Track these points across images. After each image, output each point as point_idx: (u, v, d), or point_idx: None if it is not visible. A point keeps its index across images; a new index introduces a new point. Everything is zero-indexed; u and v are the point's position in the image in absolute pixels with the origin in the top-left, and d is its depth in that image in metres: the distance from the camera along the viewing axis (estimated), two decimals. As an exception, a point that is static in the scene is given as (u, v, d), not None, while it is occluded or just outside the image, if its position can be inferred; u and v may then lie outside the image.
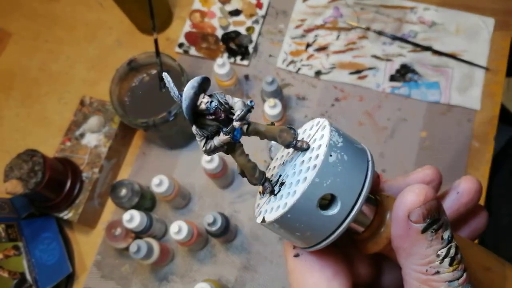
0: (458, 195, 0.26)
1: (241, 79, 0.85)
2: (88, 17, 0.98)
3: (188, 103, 0.21)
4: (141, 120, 0.71)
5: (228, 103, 0.22)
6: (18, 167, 0.71)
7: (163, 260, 0.72)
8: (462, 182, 0.26)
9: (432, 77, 0.80)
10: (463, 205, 0.26)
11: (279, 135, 0.23)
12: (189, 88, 0.21)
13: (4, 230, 0.70)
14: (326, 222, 0.22)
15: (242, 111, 0.21)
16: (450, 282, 0.21)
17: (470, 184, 0.25)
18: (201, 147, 0.22)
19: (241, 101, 0.22)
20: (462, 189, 0.26)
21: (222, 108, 0.22)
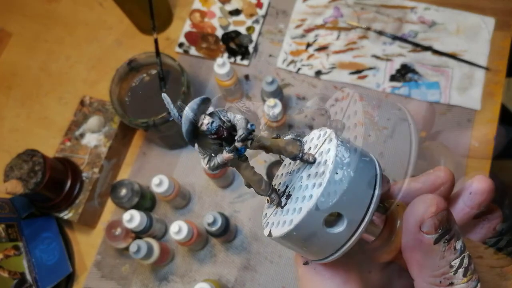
0: (471, 195, 0.25)
1: (241, 79, 0.85)
2: (88, 17, 0.98)
3: (188, 127, 0.21)
4: (141, 120, 0.71)
5: (230, 120, 0.21)
6: (18, 167, 0.71)
7: (163, 260, 0.72)
8: (474, 182, 0.25)
9: (432, 77, 0.80)
10: (477, 205, 0.25)
11: (284, 148, 0.23)
12: (189, 111, 0.21)
13: (4, 230, 0.70)
14: (333, 238, 0.21)
15: (243, 133, 0.21)
16: None
17: (483, 184, 0.25)
18: (205, 165, 0.22)
19: (243, 118, 0.21)
20: (475, 189, 0.25)
21: (224, 126, 0.21)
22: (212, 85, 0.86)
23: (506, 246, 0.21)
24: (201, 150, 0.22)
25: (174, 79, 0.75)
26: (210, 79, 0.86)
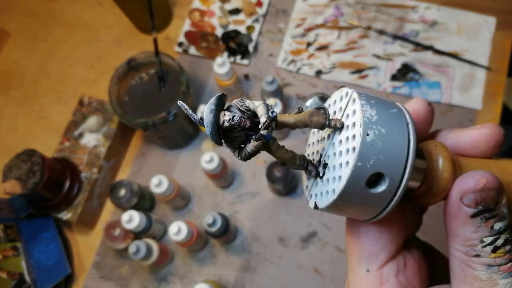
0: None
1: (241, 78, 0.85)
2: (87, 17, 0.98)
3: (211, 129, 0.21)
4: (141, 120, 0.71)
5: (250, 108, 0.21)
6: (17, 167, 0.71)
7: (163, 260, 0.72)
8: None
9: (433, 76, 0.80)
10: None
11: (309, 120, 0.23)
12: (208, 113, 0.21)
13: (3, 231, 0.70)
14: (379, 197, 0.22)
15: (267, 120, 0.21)
16: (489, 266, 0.21)
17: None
18: (237, 157, 0.22)
19: (262, 104, 0.21)
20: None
21: (246, 116, 0.21)
22: (212, 85, 0.86)
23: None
24: (229, 145, 0.22)
25: (174, 79, 0.75)
26: (210, 79, 0.86)
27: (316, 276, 0.71)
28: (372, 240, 0.24)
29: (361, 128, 0.21)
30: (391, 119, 0.22)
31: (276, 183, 0.70)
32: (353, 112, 0.22)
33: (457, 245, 0.22)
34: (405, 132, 0.22)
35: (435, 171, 0.23)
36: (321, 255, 0.72)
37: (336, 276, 0.70)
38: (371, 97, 0.22)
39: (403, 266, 0.25)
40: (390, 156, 0.21)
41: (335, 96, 0.25)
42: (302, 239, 0.73)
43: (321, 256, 0.72)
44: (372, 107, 0.21)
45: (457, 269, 0.23)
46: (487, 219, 0.21)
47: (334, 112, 0.24)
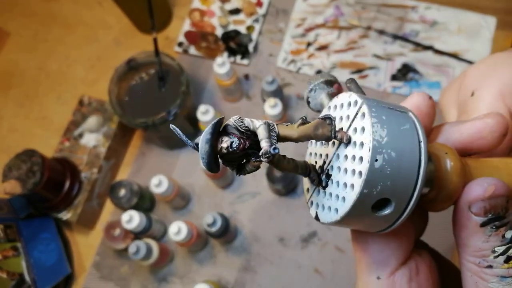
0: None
1: (241, 78, 0.85)
2: (87, 16, 0.97)
3: (207, 160, 0.19)
4: (140, 120, 0.71)
5: (249, 128, 0.20)
6: (17, 167, 0.71)
7: (163, 261, 0.72)
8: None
9: (433, 76, 0.80)
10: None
11: (314, 134, 0.21)
12: (203, 144, 0.19)
13: (2, 231, 0.70)
14: (384, 218, 0.21)
15: (268, 152, 0.19)
16: (503, 277, 0.21)
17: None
18: (235, 174, 0.21)
19: (263, 125, 0.20)
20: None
21: (245, 137, 0.20)
22: (212, 85, 0.86)
23: None
24: (227, 165, 0.21)
25: (174, 79, 0.75)
26: (210, 79, 0.86)
27: (316, 276, 0.71)
28: (380, 246, 0.23)
29: (369, 153, 0.19)
30: (403, 139, 0.20)
31: (276, 183, 0.70)
32: (361, 130, 0.20)
33: (468, 256, 0.21)
34: (416, 155, 0.20)
35: (444, 175, 0.22)
36: (321, 255, 0.72)
37: (336, 276, 0.70)
38: (382, 110, 0.20)
39: (416, 271, 0.24)
40: (399, 182, 0.20)
41: (342, 99, 0.23)
42: (302, 239, 0.73)
43: (321, 256, 0.72)
44: (383, 125, 0.20)
45: (469, 282, 0.22)
46: (498, 227, 0.20)
47: (340, 118, 0.23)
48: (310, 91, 0.24)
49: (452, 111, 0.31)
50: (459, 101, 0.29)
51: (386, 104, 0.21)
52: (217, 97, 0.85)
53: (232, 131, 0.20)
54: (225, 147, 0.19)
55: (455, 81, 0.31)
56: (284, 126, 0.21)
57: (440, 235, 0.68)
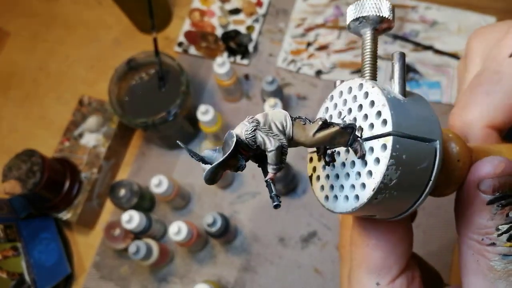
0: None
1: (241, 78, 0.85)
2: (87, 16, 0.97)
3: (210, 178, 0.20)
4: (140, 120, 0.71)
5: (260, 146, 0.19)
6: (17, 167, 0.71)
7: (163, 261, 0.72)
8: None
9: (433, 76, 0.80)
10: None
11: (329, 142, 0.21)
12: (214, 168, 0.20)
13: (2, 231, 0.70)
14: (394, 209, 0.21)
15: (275, 171, 0.20)
16: (505, 256, 0.21)
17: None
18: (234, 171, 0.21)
19: (274, 152, 0.19)
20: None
21: (252, 150, 0.20)
22: (212, 85, 0.86)
23: None
24: None
25: (174, 79, 0.75)
26: (210, 79, 0.86)
27: (316, 276, 0.70)
28: (384, 253, 0.23)
29: (372, 192, 0.19)
30: (412, 182, 0.20)
31: (276, 183, 0.70)
32: (376, 160, 0.20)
33: (471, 233, 0.21)
34: (418, 194, 0.20)
35: (451, 159, 0.22)
36: (321, 255, 0.72)
37: (336, 276, 0.70)
38: (406, 145, 0.19)
39: (411, 279, 0.24)
40: (407, 190, 0.20)
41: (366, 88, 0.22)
42: (302, 239, 0.73)
43: (321, 256, 0.71)
44: (398, 168, 0.19)
45: (470, 260, 0.22)
46: (503, 206, 0.21)
47: (349, 110, 0.22)
48: (355, 20, 0.23)
49: (477, 60, 0.29)
50: (491, 55, 0.27)
51: (418, 123, 0.20)
52: (217, 97, 0.85)
53: (243, 147, 0.19)
54: (232, 171, 0.20)
55: (496, 29, 0.29)
56: (301, 126, 0.20)
57: (439, 233, 0.68)
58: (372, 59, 0.23)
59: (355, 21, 0.23)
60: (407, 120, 0.20)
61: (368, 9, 0.22)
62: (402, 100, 0.20)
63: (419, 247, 0.71)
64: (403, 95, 0.21)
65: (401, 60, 0.21)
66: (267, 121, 0.20)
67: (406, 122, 0.20)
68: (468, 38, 0.30)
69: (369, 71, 0.22)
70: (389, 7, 0.22)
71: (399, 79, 0.21)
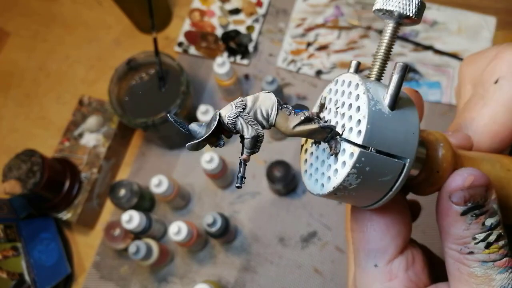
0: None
1: (241, 78, 0.85)
2: (87, 16, 0.97)
3: (195, 146, 0.22)
4: (140, 120, 0.71)
5: (239, 131, 0.21)
6: (17, 167, 0.71)
7: (163, 261, 0.72)
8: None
9: (433, 76, 0.80)
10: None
11: (307, 136, 0.22)
12: (201, 139, 0.21)
13: (2, 231, 0.70)
14: (376, 190, 0.22)
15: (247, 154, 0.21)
16: (484, 262, 0.21)
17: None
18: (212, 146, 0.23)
19: (250, 140, 0.21)
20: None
21: (232, 132, 0.21)
22: (212, 85, 0.86)
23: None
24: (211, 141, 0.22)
25: (174, 79, 0.75)
26: (210, 79, 0.86)
27: (316, 276, 0.71)
28: (379, 234, 0.24)
29: (332, 188, 0.21)
30: (372, 189, 0.21)
31: (276, 183, 0.70)
32: (343, 163, 0.21)
33: (450, 243, 0.22)
34: (378, 198, 0.22)
35: (434, 160, 0.23)
36: (321, 255, 0.72)
37: (336, 276, 0.70)
38: (372, 159, 0.20)
39: (412, 261, 0.24)
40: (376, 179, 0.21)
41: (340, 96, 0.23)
42: (302, 239, 0.73)
43: (321, 256, 0.71)
44: (359, 177, 0.21)
45: (452, 268, 0.22)
46: (478, 215, 0.21)
47: (342, 103, 0.23)
48: (379, 10, 0.23)
49: (468, 87, 0.30)
50: (480, 80, 0.28)
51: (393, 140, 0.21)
52: (217, 97, 0.85)
53: (224, 129, 0.21)
54: (212, 146, 0.22)
55: (485, 54, 0.30)
56: (285, 116, 0.21)
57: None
58: (384, 55, 0.23)
59: (379, 11, 0.22)
60: (382, 135, 0.20)
61: (393, 4, 0.21)
62: (387, 113, 0.21)
63: (419, 247, 0.71)
64: (392, 107, 0.21)
65: (401, 72, 0.21)
66: (254, 106, 0.21)
67: (380, 137, 0.20)
68: (460, 65, 0.32)
69: (377, 68, 0.23)
70: (417, 4, 0.21)
71: (393, 91, 0.21)
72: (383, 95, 0.21)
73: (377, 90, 0.21)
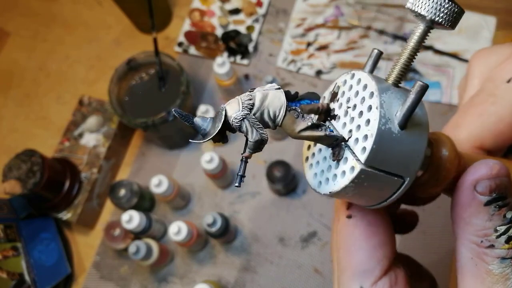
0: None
1: (241, 78, 0.85)
2: (87, 16, 0.97)
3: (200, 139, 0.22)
4: (140, 120, 0.71)
5: (243, 132, 0.21)
6: (17, 167, 0.71)
7: (163, 261, 0.72)
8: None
9: (433, 76, 0.80)
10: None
11: (313, 141, 0.22)
12: (209, 134, 0.21)
13: (2, 231, 0.70)
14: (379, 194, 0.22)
15: (246, 157, 0.21)
16: (503, 259, 0.21)
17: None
18: None
19: (253, 143, 0.21)
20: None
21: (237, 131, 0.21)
22: (212, 85, 0.86)
23: None
24: None
25: (174, 79, 0.75)
26: (210, 79, 0.86)
27: (316, 276, 0.71)
28: (366, 256, 0.24)
29: (328, 192, 0.22)
30: (368, 197, 0.22)
31: (276, 183, 0.70)
32: (343, 172, 0.21)
33: (469, 235, 0.22)
34: (374, 203, 0.23)
35: (439, 160, 0.23)
36: (321, 255, 0.72)
37: (336, 276, 0.70)
38: (372, 175, 0.20)
39: (395, 281, 0.24)
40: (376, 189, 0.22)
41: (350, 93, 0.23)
42: (302, 239, 0.73)
43: (321, 256, 0.71)
44: (356, 189, 0.21)
45: (468, 264, 0.22)
46: (500, 207, 0.21)
47: (354, 106, 0.22)
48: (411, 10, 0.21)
49: (475, 81, 0.30)
50: (491, 76, 0.28)
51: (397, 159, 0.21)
52: (217, 97, 0.85)
53: (229, 128, 0.21)
54: (215, 142, 0.22)
55: (498, 51, 0.29)
56: (292, 119, 0.21)
57: (439, 233, 0.68)
58: (407, 59, 0.22)
59: (411, 11, 0.21)
60: (386, 155, 0.20)
61: (425, 9, 0.20)
62: (396, 132, 0.20)
63: (419, 248, 0.71)
64: (403, 127, 0.20)
65: (419, 94, 0.20)
66: (262, 106, 0.21)
67: (384, 156, 0.20)
68: (470, 58, 0.31)
69: (397, 72, 0.22)
70: (453, 12, 0.20)
71: (407, 112, 0.20)
72: (396, 110, 0.20)
73: (392, 104, 0.20)
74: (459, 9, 0.20)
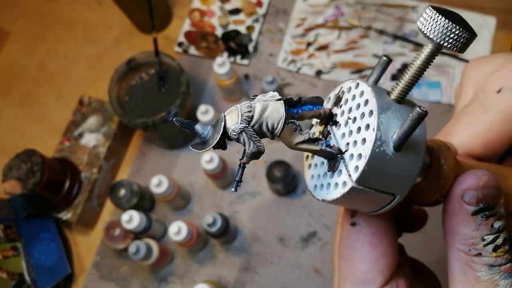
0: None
1: (241, 78, 0.85)
2: (87, 16, 0.97)
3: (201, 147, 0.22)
4: (140, 120, 0.71)
5: (241, 143, 0.21)
6: (17, 167, 0.71)
7: (162, 261, 0.72)
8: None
9: (433, 76, 0.80)
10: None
11: (312, 152, 0.23)
12: (211, 143, 0.22)
13: (2, 231, 0.70)
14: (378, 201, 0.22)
15: (243, 163, 0.22)
16: (491, 266, 0.21)
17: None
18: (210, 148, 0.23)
19: (250, 154, 0.21)
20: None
21: None
22: (212, 85, 0.86)
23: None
24: None
25: (174, 79, 0.75)
26: (210, 79, 0.86)
27: (316, 276, 0.71)
28: (368, 266, 0.24)
29: (322, 200, 0.23)
30: (359, 207, 0.23)
31: (276, 183, 0.70)
32: (335, 184, 0.22)
33: (458, 244, 0.22)
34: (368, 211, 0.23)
35: (437, 167, 0.23)
36: (321, 255, 0.72)
37: (336, 276, 0.70)
38: (363, 193, 0.21)
39: None
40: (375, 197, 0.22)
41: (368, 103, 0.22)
42: (302, 239, 0.73)
43: (321, 256, 0.71)
44: (347, 201, 0.22)
45: (458, 271, 0.22)
46: (488, 217, 0.21)
47: (354, 119, 0.22)
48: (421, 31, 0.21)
49: (469, 90, 0.30)
50: (483, 86, 0.28)
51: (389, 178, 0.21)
52: (217, 97, 0.85)
53: (228, 137, 0.21)
54: (214, 149, 0.22)
55: (491, 61, 0.29)
56: (290, 131, 0.22)
57: (439, 233, 0.68)
58: (412, 78, 0.21)
59: (421, 31, 0.21)
60: (378, 175, 0.20)
61: (433, 32, 0.20)
62: (390, 155, 0.20)
63: (419, 248, 0.71)
64: (398, 149, 0.20)
65: (417, 120, 0.19)
66: (261, 119, 0.21)
67: (376, 178, 0.20)
68: (465, 66, 0.31)
69: (400, 88, 0.21)
70: (463, 38, 0.19)
71: (403, 136, 0.20)
72: (394, 131, 0.20)
73: (389, 125, 0.20)
74: (469, 35, 0.19)
